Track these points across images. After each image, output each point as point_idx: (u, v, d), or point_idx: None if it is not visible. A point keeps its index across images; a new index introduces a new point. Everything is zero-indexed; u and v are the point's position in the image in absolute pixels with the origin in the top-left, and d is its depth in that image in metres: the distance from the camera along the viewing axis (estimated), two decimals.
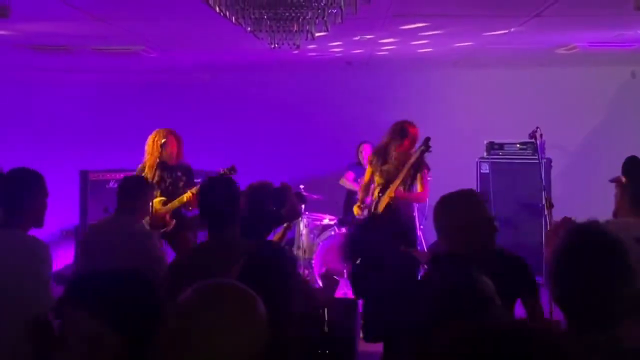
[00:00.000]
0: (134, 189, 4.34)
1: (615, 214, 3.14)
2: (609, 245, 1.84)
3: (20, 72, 8.62)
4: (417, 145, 5.99)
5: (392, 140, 6.07)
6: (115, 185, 7.23)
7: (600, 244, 1.85)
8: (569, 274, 1.86)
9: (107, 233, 4.11)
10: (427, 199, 6.12)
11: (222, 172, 5.72)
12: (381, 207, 5.90)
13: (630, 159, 3.32)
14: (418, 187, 6.04)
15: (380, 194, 5.99)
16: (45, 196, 3.31)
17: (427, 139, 5.86)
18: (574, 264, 1.86)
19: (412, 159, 5.85)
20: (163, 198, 5.71)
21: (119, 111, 8.70)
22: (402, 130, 6.07)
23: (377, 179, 6.08)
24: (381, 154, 6.12)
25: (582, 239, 1.89)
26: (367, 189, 6.26)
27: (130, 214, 4.19)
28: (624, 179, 3.13)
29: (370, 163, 6.20)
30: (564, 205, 5.38)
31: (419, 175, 5.98)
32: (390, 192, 5.83)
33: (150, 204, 5.40)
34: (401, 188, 5.88)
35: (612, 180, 3.32)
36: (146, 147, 5.79)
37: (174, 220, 5.71)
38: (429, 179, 6.19)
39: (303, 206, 7.38)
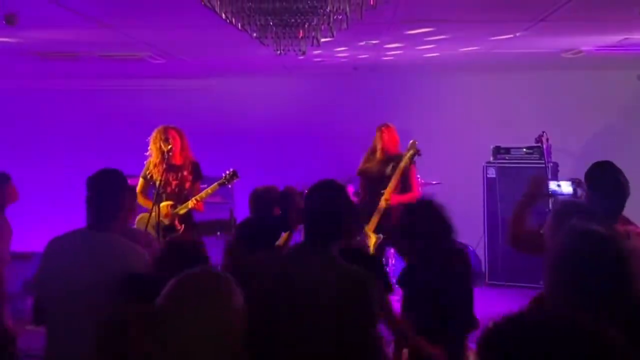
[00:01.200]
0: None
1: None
2: (609, 251, 1.85)
3: (27, 79, 8.66)
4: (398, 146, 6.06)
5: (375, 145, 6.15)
6: None
7: (599, 250, 1.86)
8: (568, 279, 1.87)
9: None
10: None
11: (223, 177, 5.71)
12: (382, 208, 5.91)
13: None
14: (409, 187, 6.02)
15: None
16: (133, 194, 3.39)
17: (414, 142, 5.88)
18: (574, 270, 1.86)
19: (402, 164, 5.85)
20: (170, 202, 5.68)
21: (125, 118, 8.73)
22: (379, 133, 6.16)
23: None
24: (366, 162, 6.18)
25: (582, 245, 1.89)
26: None
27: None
28: None
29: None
30: None
31: (408, 175, 5.99)
32: (385, 197, 5.82)
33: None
34: (394, 193, 5.87)
35: None
36: (149, 147, 5.77)
37: (183, 225, 5.68)
38: (417, 176, 6.19)
39: None
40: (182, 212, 5.66)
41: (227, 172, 5.74)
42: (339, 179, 7.81)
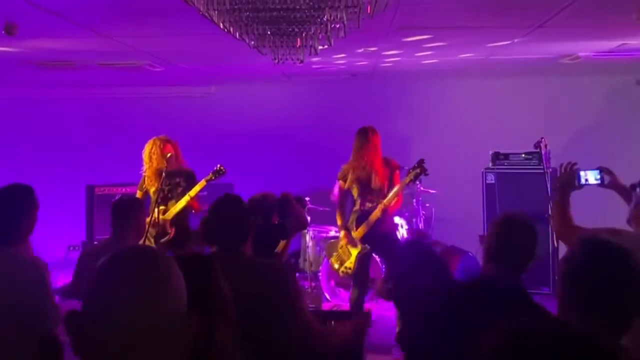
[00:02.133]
0: (126, 210, 4.38)
1: (629, 221, 3.17)
2: (618, 254, 1.86)
3: (26, 88, 8.68)
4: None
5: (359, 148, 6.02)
6: None
7: (611, 257, 1.86)
8: (580, 286, 1.87)
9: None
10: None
11: (210, 174, 5.71)
12: (373, 219, 5.82)
13: None
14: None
15: (362, 207, 5.92)
16: (36, 209, 3.30)
17: (421, 161, 5.77)
18: (585, 276, 1.87)
19: (407, 180, 5.76)
20: (162, 207, 5.68)
21: (125, 126, 8.74)
22: (364, 135, 6.09)
23: (354, 190, 6.00)
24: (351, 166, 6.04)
25: (595, 251, 1.90)
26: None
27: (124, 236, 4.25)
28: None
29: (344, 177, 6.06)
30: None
31: (394, 179, 5.92)
32: (381, 207, 5.74)
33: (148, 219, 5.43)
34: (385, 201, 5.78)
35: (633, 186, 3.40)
36: (143, 158, 5.79)
37: (174, 229, 5.68)
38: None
39: (309, 218, 7.38)
40: (172, 214, 5.67)
41: (215, 168, 5.75)
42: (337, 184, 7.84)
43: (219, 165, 5.77)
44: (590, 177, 3.80)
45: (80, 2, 3.98)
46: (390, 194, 5.71)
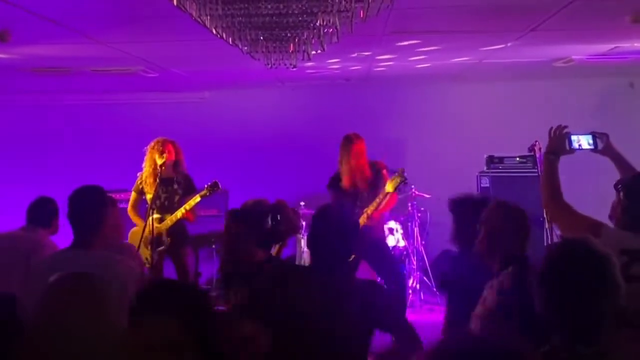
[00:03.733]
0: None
1: (610, 217, 3.13)
2: (597, 261, 1.86)
3: (20, 94, 8.66)
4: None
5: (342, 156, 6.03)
6: (123, 206, 7.26)
7: (588, 261, 1.87)
8: (557, 290, 1.88)
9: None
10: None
11: (205, 188, 5.67)
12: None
13: (633, 177, 3.31)
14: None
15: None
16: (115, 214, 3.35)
17: (402, 170, 5.75)
18: (561, 280, 1.87)
19: (386, 190, 5.73)
20: (158, 216, 5.66)
21: (119, 132, 8.73)
22: (347, 142, 6.07)
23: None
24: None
25: (570, 256, 1.90)
26: None
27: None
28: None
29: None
30: None
31: (382, 179, 5.90)
32: (365, 215, 5.73)
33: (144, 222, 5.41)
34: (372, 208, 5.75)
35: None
36: (145, 158, 5.77)
37: (169, 239, 5.66)
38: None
39: (304, 223, 7.38)
40: (167, 225, 5.64)
41: (209, 183, 5.70)
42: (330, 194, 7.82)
43: (213, 181, 5.69)
44: (583, 141, 3.68)
45: (73, 8, 3.98)
46: (372, 203, 5.69)
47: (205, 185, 5.68)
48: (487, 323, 2.66)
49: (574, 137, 3.54)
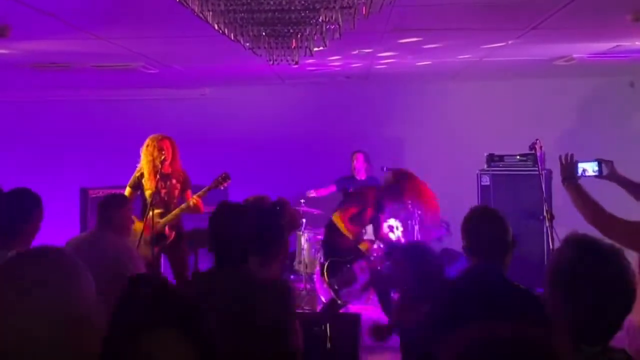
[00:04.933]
0: (112, 206, 4.39)
1: None
2: (608, 261, 1.85)
3: (20, 90, 8.65)
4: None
5: None
6: None
7: (598, 260, 1.85)
8: (566, 290, 1.86)
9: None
10: None
11: (214, 180, 5.66)
12: None
13: None
14: None
15: None
16: (41, 219, 3.33)
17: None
18: (571, 280, 1.86)
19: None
20: (160, 210, 5.65)
21: (119, 128, 8.72)
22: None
23: None
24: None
25: (580, 255, 1.89)
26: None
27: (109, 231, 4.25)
28: None
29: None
30: (565, 216, 5.37)
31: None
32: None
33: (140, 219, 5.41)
34: None
35: None
36: (141, 154, 5.75)
37: (174, 232, 5.66)
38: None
39: (304, 220, 7.38)
40: (171, 218, 5.64)
41: (219, 175, 5.70)
42: (333, 185, 7.85)
43: (224, 173, 5.70)
44: (588, 168, 3.77)
45: (73, 3, 3.96)
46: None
47: (215, 178, 5.67)
48: None
49: (580, 165, 3.68)
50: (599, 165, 3.75)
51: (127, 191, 5.76)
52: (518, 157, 7.38)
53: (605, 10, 4.33)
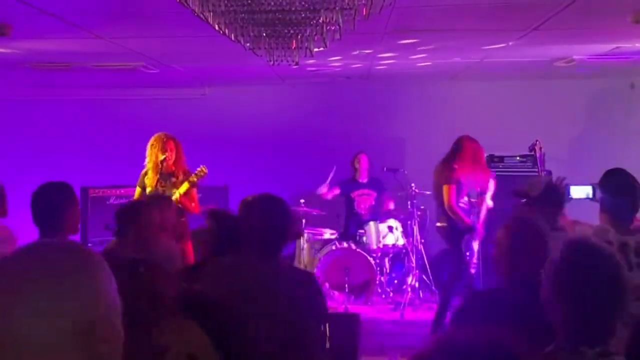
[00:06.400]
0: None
1: None
2: (606, 262, 1.86)
3: (20, 89, 8.66)
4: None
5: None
6: (116, 202, 7.25)
7: (597, 262, 1.86)
8: (565, 291, 1.87)
9: None
10: None
11: (193, 175, 5.64)
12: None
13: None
14: None
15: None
16: (77, 205, 3.38)
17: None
18: (570, 282, 1.87)
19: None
20: None
21: (119, 127, 8.72)
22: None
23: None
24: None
25: (579, 257, 1.90)
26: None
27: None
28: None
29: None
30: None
31: None
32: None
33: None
34: None
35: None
36: (147, 153, 5.77)
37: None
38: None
39: (303, 221, 7.38)
40: None
41: (197, 169, 5.68)
42: (335, 185, 7.85)
43: (201, 166, 5.67)
44: (582, 192, 3.95)
45: (74, 2, 3.97)
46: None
47: (193, 172, 5.67)
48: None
49: (572, 188, 3.86)
50: (594, 189, 3.89)
51: (137, 191, 5.80)
52: (518, 158, 7.39)
53: (605, 11, 4.33)
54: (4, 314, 1.12)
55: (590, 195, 3.95)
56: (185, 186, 5.58)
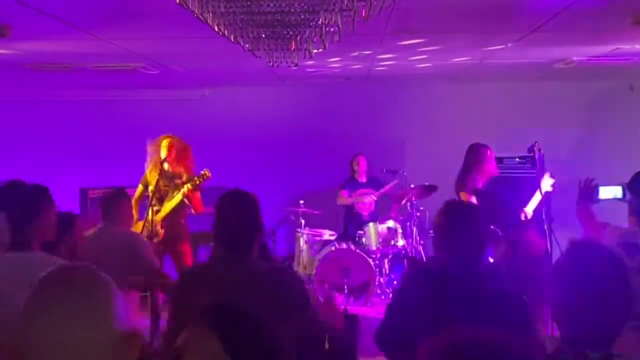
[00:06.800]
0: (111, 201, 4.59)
1: None
2: (612, 266, 1.86)
3: (20, 90, 8.65)
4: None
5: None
6: None
7: (602, 265, 1.86)
8: (569, 294, 1.87)
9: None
10: None
11: (196, 178, 5.67)
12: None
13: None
14: None
15: None
16: (54, 209, 3.15)
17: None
18: (575, 284, 1.86)
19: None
20: (158, 208, 5.70)
21: (119, 128, 8.73)
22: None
23: None
24: None
25: (584, 259, 1.90)
26: None
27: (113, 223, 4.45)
28: None
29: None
30: (563, 218, 5.39)
31: None
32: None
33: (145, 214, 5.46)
34: None
35: None
36: (150, 152, 5.81)
37: (163, 230, 5.69)
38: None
39: (303, 222, 7.37)
40: (160, 218, 5.68)
41: (201, 172, 5.72)
42: (334, 186, 7.85)
43: (205, 169, 5.72)
44: (611, 192, 3.91)
45: (74, 4, 3.97)
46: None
47: (196, 176, 5.71)
48: None
49: (601, 188, 3.81)
50: (623, 189, 3.83)
51: (138, 188, 5.85)
52: (517, 159, 7.38)
53: (605, 13, 4.33)
54: (42, 328, 1.29)
55: (619, 196, 3.91)
56: (185, 189, 5.60)
